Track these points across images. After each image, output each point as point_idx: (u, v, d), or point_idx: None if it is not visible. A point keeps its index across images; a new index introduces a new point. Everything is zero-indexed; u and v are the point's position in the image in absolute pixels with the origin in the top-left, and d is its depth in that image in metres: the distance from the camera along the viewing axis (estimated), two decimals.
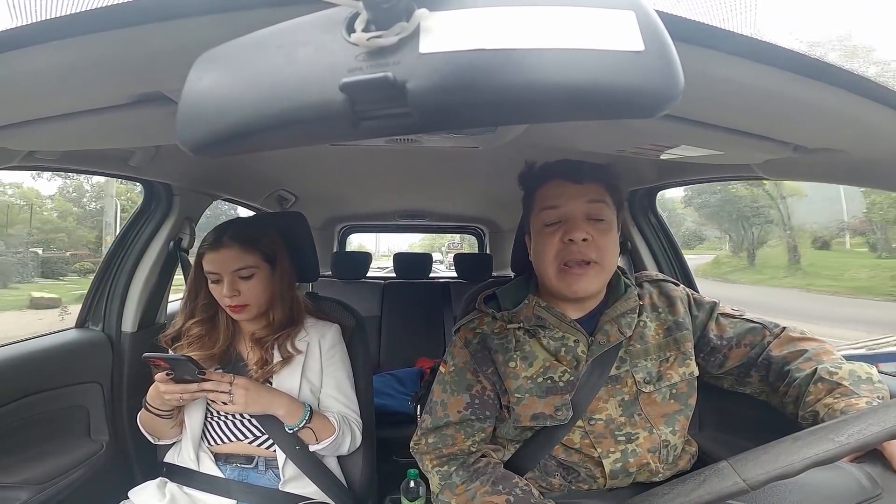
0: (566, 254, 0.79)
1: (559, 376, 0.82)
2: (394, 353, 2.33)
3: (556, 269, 0.80)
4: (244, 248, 0.98)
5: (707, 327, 0.88)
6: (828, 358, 0.78)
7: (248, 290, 0.97)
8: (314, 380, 1.04)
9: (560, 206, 0.80)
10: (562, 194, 0.81)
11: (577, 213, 0.79)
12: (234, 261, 0.97)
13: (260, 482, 0.99)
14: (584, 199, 0.80)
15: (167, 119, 0.57)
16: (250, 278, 0.98)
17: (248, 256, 0.98)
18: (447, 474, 0.82)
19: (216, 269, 0.97)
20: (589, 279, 0.79)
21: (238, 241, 0.98)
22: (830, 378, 0.73)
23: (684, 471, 0.87)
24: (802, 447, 0.50)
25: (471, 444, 0.84)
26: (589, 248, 0.78)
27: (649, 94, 0.26)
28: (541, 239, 0.82)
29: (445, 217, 2.68)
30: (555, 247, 0.80)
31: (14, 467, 1.02)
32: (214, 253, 0.98)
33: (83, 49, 0.42)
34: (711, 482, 0.49)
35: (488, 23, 0.26)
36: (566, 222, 0.80)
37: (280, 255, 1.04)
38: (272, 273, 1.02)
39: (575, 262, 0.78)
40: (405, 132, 0.29)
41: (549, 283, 0.83)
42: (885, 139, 0.57)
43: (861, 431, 0.50)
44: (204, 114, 0.30)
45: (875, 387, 0.72)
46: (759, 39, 0.41)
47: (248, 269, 0.98)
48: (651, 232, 1.47)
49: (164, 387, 0.90)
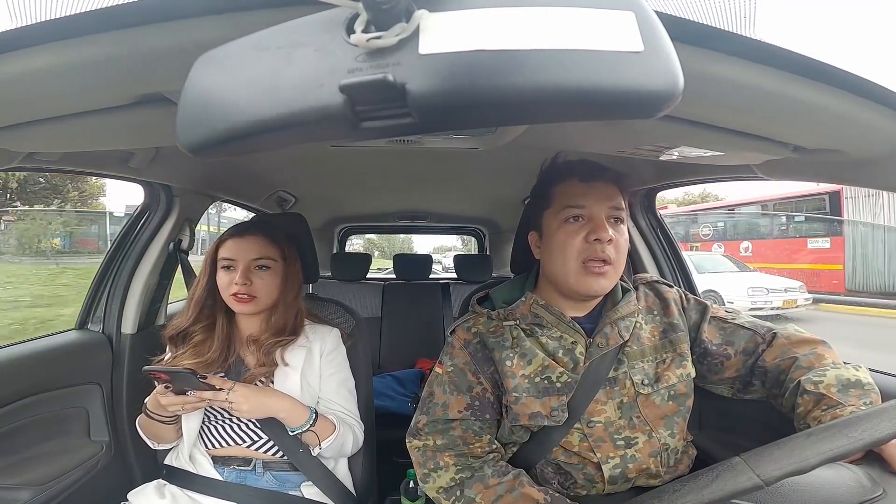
0: (590, 252, 0.79)
1: (557, 377, 0.81)
2: (394, 355, 2.33)
3: (577, 267, 0.80)
4: (268, 239, 1.01)
5: (700, 329, 0.88)
6: (818, 364, 0.78)
7: (261, 282, 0.99)
8: (314, 383, 1.04)
9: (586, 205, 0.80)
10: (587, 193, 0.81)
11: (603, 214, 0.80)
12: (256, 250, 0.99)
13: (258, 484, 0.99)
14: (609, 201, 0.81)
15: (167, 120, 0.57)
16: (266, 270, 1.00)
17: (270, 248, 1.01)
18: (477, 467, 0.78)
19: (235, 255, 0.99)
20: (608, 278, 0.80)
21: (263, 232, 1.01)
22: (815, 389, 0.73)
23: (684, 474, 0.87)
24: (816, 443, 0.49)
25: (488, 441, 0.83)
26: (611, 249, 0.79)
27: (649, 94, 0.26)
28: (560, 236, 0.82)
29: (445, 218, 2.68)
30: (578, 244, 0.80)
31: (14, 468, 1.02)
32: (238, 238, 1.00)
33: (83, 49, 0.42)
34: (725, 478, 0.49)
35: (488, 23, 0.26)
36: (590, 221, 0.80)
37: (293, 258, 1.06)
38: (285, 273, 1.03)
39: (597, 260, 0.79)
40: (405, 133, 0.29)
41: (565, 280, 0.82)
42: (884, 139, 0.57)
43: (875, 427, 0.50)
44: (204, 115, 0.30)
45: (864, 391, 0.72)
46: (758, 40, 0.42)
47: (267, 261, 1.00)
48: (651, 232, 1.47)
49: (165, 399, 0.90)
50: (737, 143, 0.66)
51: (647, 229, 1.47)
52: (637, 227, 1.48)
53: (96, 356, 1.25)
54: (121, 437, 1.24)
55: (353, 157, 1.32)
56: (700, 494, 0.48)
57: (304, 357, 1.03)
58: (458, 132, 0.96)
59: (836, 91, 0.47)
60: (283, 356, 1.02)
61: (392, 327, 2.41)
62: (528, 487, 0.74)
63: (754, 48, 0.42)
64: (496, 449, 0.83)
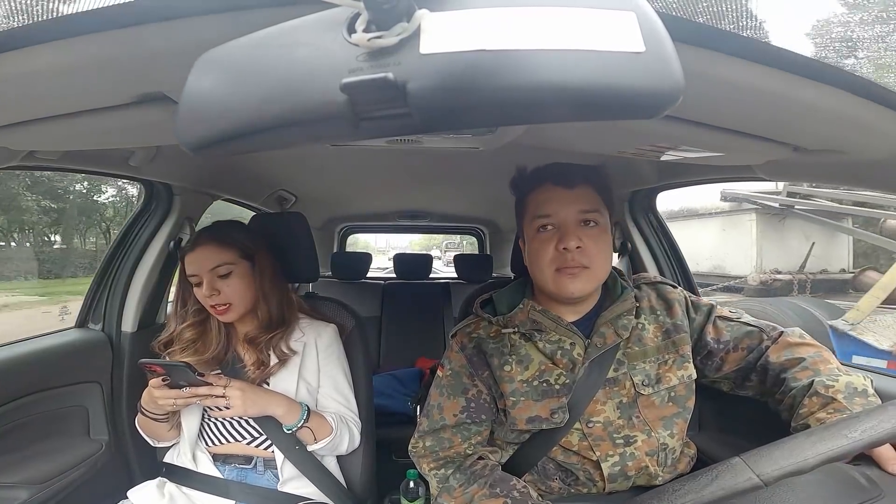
0: (560, 261, 0.79)
1: (555, 379, 0.82)
2: (394, 354, 2.33)
3: (551, 274, 0.80)
4: (219, 245, 0.99)
5: (704, 330, 0.88)
6: (825, 368, 0.78)
7: (228, 288, 0.97)
8: (311, 380, 1.04)
9: (552, 213, 0.81)
10: (554, 201, 0.81)
11: (570, 221, 0.80)
12: (211, 259, 0.98)
13: (259, 482, 0.99)
14: (576, 206, 0.80)
15: (167, 119, 0.57)
16: (228, 276, 0.98)
17: (224, 254, 0.99)
18: (444, 477, 0.82)
19: (195, 270, 0.98)
20: (582, 280, 0.80)
21: (213, 240, 1.00)
22: (826, 392, 0.73)
23: (683, 473, 0.87)
24: (816, 443, 0.49)
25: (467, 447, 0.84)
26: (582, 255, 0.79)
27: (650, 95, 0.26)
28: (535, 245, 0.83)
29: (445, 217, 2.68)
30: (549, 253, 0.80)
31: (14, 467, 1.02)
32: (192, 254, 0.99)
33: (83, 49, 0.42)
34: (724, 478, 0.48)
35: (489, 23, 0.26)
36: (559, 229, 0.80)
37: (259, 252, 1.04)
38: (251, 270, 1.02)
39: (569, 268, 0.79)
40: (405, 133, 0.29)
41: (545, 287, 0.83)
42: (885, 140, 0.57)
43: (874, 428, 0.50)
44: (204, 114, 0.30)
45: (868, 400, 0.73)
46: (759, 40, 0.42)
47: (224, 267, 0.98)
48: (651, 233, 1.47)
49: (158, 392, 0.90)
50: (738, 143, 0.65)
51: (647, 229, 1.47)
52: (637, 227, 1.48)
53: (96, 355, 1.25)
54: (121, 435, 1.25)
55: (353, 156, 1.32)
56: (700, 494, 0.48)
57: (301, 352, 1.03)
58: (458, 132, 0.96)
59: (838, 92, 0.47)
60: (281, 349, 1.02)
61: (392, 327, 2.41)
62: (485, 501, 0.75)
63: (755, 48, 0.42)
64: (479, 453, 0.84)
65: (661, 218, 1.48)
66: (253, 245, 1.03)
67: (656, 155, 0.82)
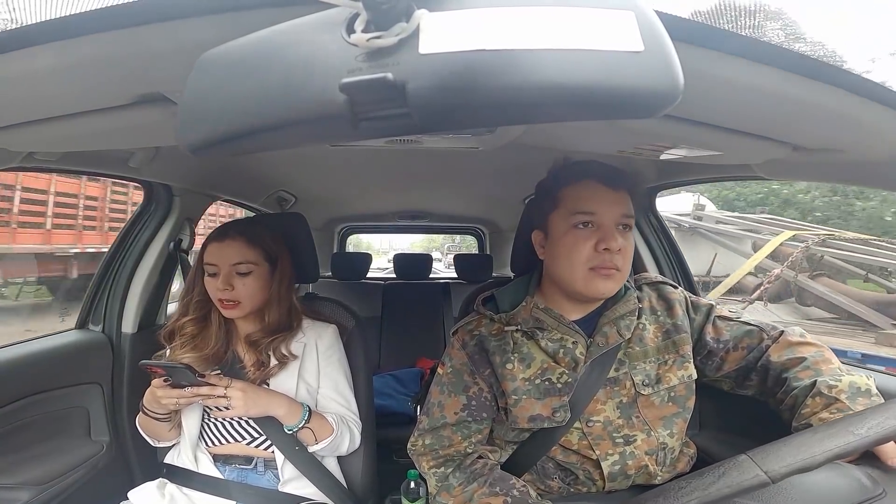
0: (598, 260, 0.78)
1: (557, 378, 0.82)
2: (394, 354, 2.33)
3: (584, 272, 0.79)
4: (248, 243, 0.99)
5: (704, 330, 0.88)
6: (826, 368, 0.78)
7: (243, 287, 0.97)
8: (311, 381, 1.04)
9: (596, 211, 0.79)
10: (599, 200, 0.79)
11: (613, 222, 0.79)
12: (236, 254, 0.97)
13: (259, 483, 0.99)
14: (620, 208, 0.80)
15: (167, 120, 0.57)
16: (247, 275, 0.98)
17: (251, 252, 0.98)
18: (444, 476, 0.81)
19: (216, 260, 0.97)
20: (615, 280, 0.79)
21: (244, 236, 0.99)
22: (829, 392, 0.73)
23: (683, 473, 0.87)
24: (823, 440, 0.49)
25: (467, 446, 0.83)
26: (619, 257, 0.78)
27: (649, 94, 0.26)
28: (569, 240, 0.80)
29: (445, 217, 2.67)
30: (586, 251, 0.78)
31: (14, 468, 1.02)
32: (218, 243, 0.98)
33: (83, 49, 0.42)
34: (731, 475, 0.48)
35: (488, 23, 0.26)
36: (600, 229, 0.79)
37: (282, 257, 1.04)
38: (271, 274, 1.02)
39: (606, 268, 0.78)
40: (405, 133, 0.29)
41: (571, 284, 0.81)
42: (884, 139, 0.57)
43: (880, 424, 0.50)
44: (204, 114, 0.30)
45: (871, 400, 0.73)
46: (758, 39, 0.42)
47: (247, 265, 0.98)
48: (651, 233, 1.47)
49: (161, 391, 0.90)
50: (737, 142, 0.65)
51: (647, 229, 1.47)
52: (637, 227, 1.47)
53: (97, 356, 1.25)
54: (121, 436, 1.25)
55: (353, 156, 1.32)
56: (706, 492, 0.48)
57: (302, 353, 1.03)
58: (458, 132, 0.96)
59: (837, 91, 0.47)
60: (281, 352, 1.01)
61: (392, 327, 2.41)
62: (485, 499, 0.75)
63: (754, 48, 0.42)
64: (479, 452, 0.84)
65: (661, 217, 1.48)
66: (278, 249, 1.03)
67: (655, 154, 0.82)
